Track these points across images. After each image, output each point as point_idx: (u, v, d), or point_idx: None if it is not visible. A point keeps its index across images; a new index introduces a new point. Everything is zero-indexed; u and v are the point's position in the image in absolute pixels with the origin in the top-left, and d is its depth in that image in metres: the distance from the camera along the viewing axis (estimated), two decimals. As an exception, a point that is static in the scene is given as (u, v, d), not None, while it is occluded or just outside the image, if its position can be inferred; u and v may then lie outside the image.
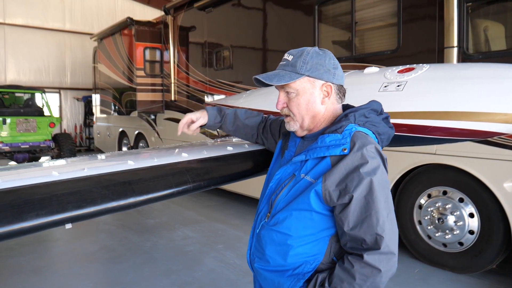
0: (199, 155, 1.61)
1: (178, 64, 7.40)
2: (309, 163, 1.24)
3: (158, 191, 1.35)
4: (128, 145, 9.51)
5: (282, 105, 1.32)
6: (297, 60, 1.27)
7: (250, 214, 5.85)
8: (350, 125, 1.24)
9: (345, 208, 1.15)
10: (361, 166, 1.15)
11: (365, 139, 1.21)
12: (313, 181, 1.20)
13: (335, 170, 1.17)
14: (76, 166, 1.39)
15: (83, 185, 1.23)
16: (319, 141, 1.23)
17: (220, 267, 3.95)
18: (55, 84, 14.89)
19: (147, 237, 4.86)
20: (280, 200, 1.27)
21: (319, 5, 4.74)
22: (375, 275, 1.11)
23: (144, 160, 1.48)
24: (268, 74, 1.30)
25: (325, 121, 1.32)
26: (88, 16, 15.16)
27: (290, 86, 1.27)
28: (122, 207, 1.25)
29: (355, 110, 1.30)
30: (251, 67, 5.82)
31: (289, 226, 1.23)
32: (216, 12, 6.37)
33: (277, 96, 3.17)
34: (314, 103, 1.29)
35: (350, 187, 1.14)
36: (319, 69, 1.26)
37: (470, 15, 3.63)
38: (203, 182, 1.47)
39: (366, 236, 1.13)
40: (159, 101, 7.97)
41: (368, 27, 4.45)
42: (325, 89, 1.29)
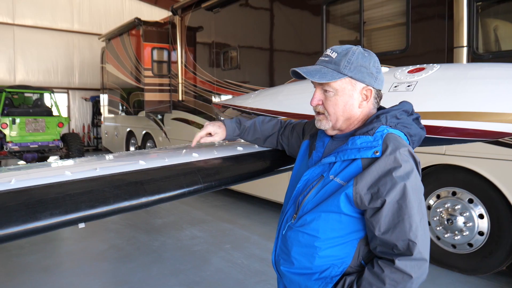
0: (210, 155, 1.62)
1: (185, 64, 7.42)
2: (338, 165, 1.22)
3: (169, 191, 1.35)
4: (136, 145, 9.55)
5: (317, 102, 1.29)
6: (342, 59, 1.23)
7: (257, 214, 5.86)
8: (382, 127, 1.21)
9: (376, 212, 1.13)
10: (394, 169, 1.13)
11: (397, 141, 1.18)
12: (343, 184, 1.18)
13: (367, 173, 1.14)
14: (88, 166, 1.40)
15: (95, 185, 1.24)
16: (350, 143, 1.21)
17: (228, 267, 3.96)
18: (64, 84, 15.01)
19: (155, 236, 4.88)
20: (308, 202, 1.25)
21: (327, 5, 4.73)
22: (405, 281, 1.10)
23: (155, 160, 1.49)
24: (309, 68, 1.26)
25: (358, 123, 1.29)
26: (96, 17, 15.27)
27: (330, 85, 1.24)
28: (134, 207, 1.26)
29: (387, 112, 1.26)
30: (259, 67, 5.82)
31: (317, 227, 1.21)
32: (224, 13, 6.38)
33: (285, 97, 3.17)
34: (351, 106, 1.26)
35: (382, 191, 1.12)
36: (363, 72, 1.23)
37: (480, 14, 3.59)
38: (214, 182, 1.47)
39: (398, 241, 1.11)
40: (166, 101, 8.00)
41: (377, 26, 4.43)
42: (365, 92, 1.26)
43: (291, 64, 5.25)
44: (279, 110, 2.73)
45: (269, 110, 2.82)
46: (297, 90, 2.97)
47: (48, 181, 1.21)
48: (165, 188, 1.35)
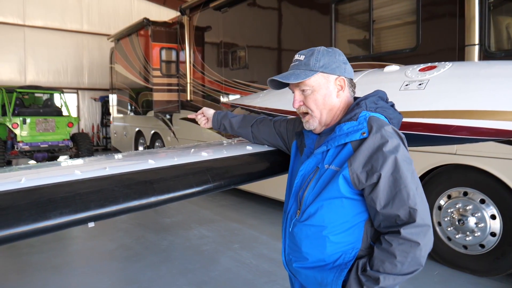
0: (219, 154, 1.61)
1: (193, 64, 7.43)
2: (331, 153, 1.27)
3: (179, 190, 1.35)
4: (144, 145, 9.59)
5: (298, 103, 1.36)
6: (310, 58, 1.32)
7: (266, 214, 5.84)
8: (363, 112, 1.28)
9: (374, 188, 1.18)
10: (382, 145, 1.19)
11: (380, 121, 1.26)
12: (338, 169, 1.23)
13: (358, 153, 1.20)
14: (97, 165, 1.40)
15: (105, 184, 1.24)
16: (337, 130, 1.27)
17: (237, 267, 3.95)
18: (73, 84, 15.14)
19: (163, 236, 4.89)
20: (308, 194, 1.29)
21: (336, 4, 4.69)
22: (414, 249, 1.12)
23: (164, 159, 1.48)
24: (283, 74, 1.35)
25: (340, 113, 1.36)
26: (105, 18, 15.38)
27: (306, 83, 1.32)
28: (143, 206, 1.25)
29: (365, 98, 1.34)
30: (267, 66, 5.81)
31: (322, 217, 1.25)
32: (232, 12, 6.37)
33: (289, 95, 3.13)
34: (330, 97, 1.33)
35: (376, 166, 1.17)
36: (331, 65, 1.32)
37: (491, 12, 3.54)
38: (223, 182, 1.46)
39: (399, 211, 1.15)
40: (175, 101, 8.02)
41: (386, 25, 4.38)
42: (339, 82, 1.34)
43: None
44: (288, 109, 2.72)
45: (278, 109, 2.81)
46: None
47: (58, 180, 1.21)
48: (174, 187, 1.34)
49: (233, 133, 1.88)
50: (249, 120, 1.85)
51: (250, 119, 1.86)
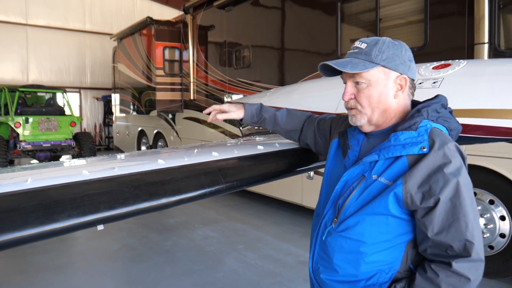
0: (230, 154, 1.56)
1: (197, 63, 7.39)
2: (381, 163, 1.15)
3: (190, 191, 1.30)
4: (147, 144, 9.56)
5: (349, 96, 1.22)
6: (372, 48, 1.18)
7: (270, 215, 5.80)
8: (424, 121, 1.15)
9: (429, 212, 1.07)
10: (444, 166, 1.07)
11: (443, 136, 1.13)
12: (389, 183, 1.11)
13: (416, 170, 1.08)
14: (106, 165, 1.35)
15: (114, 185, 1.19)
16: (392, 139, 1.14)
17: (242, 268, 3.90)
18: (76, 84, 15.11)
19: (167, 236, 4.85)
20: (350, 205, 1.18)
21: (342, 2, 4.64)
22: (463, 284, 1.04)
23: (174, 159, 1.43)
24: (339, 61, 1.20)
25: (395, 116, 1.22)
26: (108, 17, 15.34)
27: (362, 75, 1.18)
28: (154, 207, 1.21)
29: (427, 105, 1.20)
30: (272, 66, 5.76)
31: (362, 232, 1.14)
32: (236, 11, 6.32)
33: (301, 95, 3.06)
34: (386, 96, 1.19)
35: (435, 189, 1.05)
36: (395, 60, 1.18)
37: (501, 10, 3.49)
38: (235, 182, 1.41)
39: (453, 242, 1.05)
40: (178, 100, 7.98)
41: (393, 23, 4.33)
42: (399, 81, 1.19)
43: (305, 63, 5.18)
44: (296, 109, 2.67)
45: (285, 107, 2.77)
46: (314, 88, 2.90)
47: (65, 180, 1.16)
48: (185, 188, 1.29)
49: (272, 129, 1.68)
50: (299, 116, 1.66)
51: (300, 115, 1.67)
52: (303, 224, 5.31)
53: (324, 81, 3.72)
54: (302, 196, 5.34)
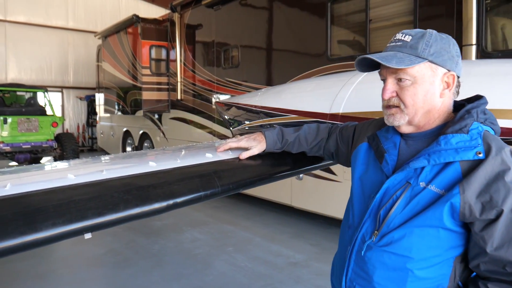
0: (225, 155, 1.48)
1: (184, 63, 7.28)
2: (428, 169, 1.04)
3: (184, 195, 1.21)
4: (133, 145, 9.39)
5: (390, 94, 1.10)
6: (419, 41, 1.07)
7: (259, 216, 5.73)
8: (475, 123, 1.04)
9: (490, 225, 0.97)
10: (503, 173, 0.97)
11: (498, 140, 1.03)
12: (442, 193, 1.01)
13: (474, 178, 0.97)
14: (93, 168, 1.26)
15: (103, 190, 1.10)
16: (443, 143, 1.02)
17: (232, 271, 3.82)
18: (58, 83, 14.77)
19: (154, 239, 4.73)
20: (395, 216, 1.06)
21: (332, 3, 4.61)
22: None
23: (166, 161, 1.35)
24: (381, 54, 1.08)
25: (439, 117, 1.11)
26: (92, 14, 15.04)
27: (407, 71, 1.06)
28: (146, 213, 1.12)
29: (477, 106, 1.09)
30: (261, 66, 5.70)
31: (409, 246, 1.03)
32: (225, 10, 6.24)
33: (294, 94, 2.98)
34: (433, 95, 1.08)
35: (497, 199, 0.95)
36: (443, 55, 1.07)
37: (488, 13, 3.51)
38: (231, 185, 1.33)
39: None
40: (164, 100, 7.85)
41: (383, 25, 4.32)
42: (446, 79, 1.09)
43: (294, 63, 5.13)
44: (288, 108, 2.61)
45: (278, 108, 2.69)
46: (306, 88, 2.84)
47: (49, 185, 1.07)
48: (179, 192, 1.21)
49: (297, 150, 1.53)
50: (321, 129, 1.53)
51: (323, 128, 1.53)
52: (292, 225, 5.26)
53: (316, 81, 3.68)
54: (291, 197, 5.29)
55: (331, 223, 5.15)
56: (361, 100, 2.11)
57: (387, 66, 1.07)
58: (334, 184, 4.60)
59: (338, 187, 4.56)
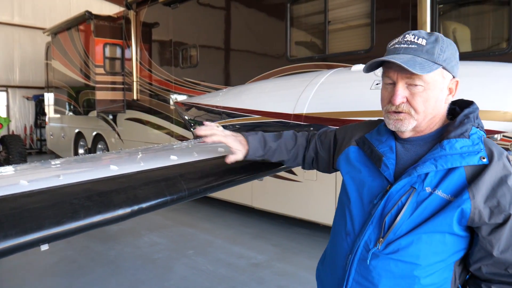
0: (190, 157, 1.43)
1: (140, 62, 7.07)
2: (433, 174, 1.03)
3: (150, 200, 1.16)
4: (85, 147, 9.01)
5: (402, 99, 1.07)
6: (435, 46, 1.05)
7: (220, 217, 5.67)
8: (474, 128, 1.06)
9: (497, 229, 0.99)
10: (506, 178, 1.00)
11: (496, 145, 1.06)
12: (450, 198, 1.01)
13: (481, 183, 0.99)
14: (48, 172, 1.17)
15: (61, 196, 1.02)
16: (447, 148, 1.02)
17: (193, 274, 3.75)
18: (2, 82, 13.87)
19: (111, 245, 4.54)
20: (402, 223, 1.04)
21: (291, 3, 4.65)
22: None
23: (129, 164, 1.28)
24: (402, 57, 1.04)
25: (439, 122, 1.11)
26: (40, 10, 14.25)
27: (422, 78, 1.04)
28: (109, 220, 1.05)
29: (473, 111, 1.11)
30: (220, 66, 5.64)
31: (417, 253, 1.02)
32: (183, 8, 6.12)
33: (257, 95, 2.97)
34: (441, 101, 1.08)
35: (504, 204, 0.98)
36: (452, 61, 1.07)
37: (441, 17, 3.67)
38: (199, 188, 1.29)
39: None
40: (120, 100, 7.59)
41: (342, 26, 4.41)
42: (451, 85, 1.10)
43: (254, 63, 5.12)
44: (252, 109, 2.59)
45: (241, 108, 2.67)
46: (268, 89, 2.84)
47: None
48: (144, 197, 1.15)
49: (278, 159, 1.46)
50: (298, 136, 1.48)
51: (300, 135, 1.48)
52: (253, 225, 5.25)
53: (278, 81, 3.69)
54: (252, 197, 5.28)
55: (292, 223, 5.19)
56: (324, 100, 2.13)
57: (401, 70, 1.05)
58: (295, 184, 4.64)
59: (299, 187, 4.61)
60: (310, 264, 3.93)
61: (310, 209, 4.57)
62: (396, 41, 1.11)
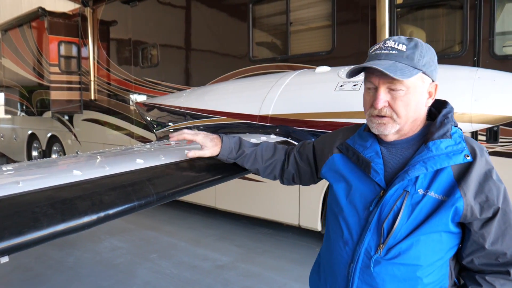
0: (157, 161, 1.40)
1: (98, 61, 6.84)
2: (423, 176, 1.06)
3: (116, 206, 1.12)
4: (39, 149, 8.62)
5: (383, 103, 1.10)
6: (414, 51, 1.08)
7: (182, 219, 5.59)
8: (454, 128, 1.11)
9: (487, 222, 1.04)
10: (490, 173, 1.05)
11: (477, 143, 1.11)
12: (442, 198, 1.05)
13: (469, 180, 1.03)
14: (6, 179, 1.10)
15: (21, 205, 0.97)
16: (434, 149, 1.06)
17: (156, 278, 3.68)
18: None
19: (69, 251, 4.37)
20: (401, 227, 1.06)
21: (254, 4, 4.66)
22: None
23: (92, 169, 1.24)
24: (383, 63, 1.06)
25: (420, 124, 1.15)
26: (-13, 6, 13.46)
27: (403, 82, 1.07)
28: (74, 228, 1.01)
29: (450, 110, 1.15)
30: (181, 66, 5.56)
31: (418, 254, 1.05)
32: (142, 6, 5.98)
33: (222, 96, 2.96)
34: (422, 105, 1.12)
35: (492, 198, 1.03)
36: (431, 65, 1.11)
37: (399, 19, 3.80)
38: (167, 192, 1.26)
39: (508, 249, 1.04)
40: (76, 100, 7.30)
41: (303, 28, 4.47)
42: (431, 89, 1.13)
43: (216, 63, 5.09)
44: (217, 110, 2.57)
45: (206, 109, 2.64)
46: (234, 90, 2.83)
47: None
48: (111, 203, 1.11)
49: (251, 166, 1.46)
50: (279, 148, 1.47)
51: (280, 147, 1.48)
52: (217, 227, 5.22)
53: (244, 82, 3.68)
54: (215, 198, 5.25)
55: (255, 223, 5.21)
56: (289, 102, 2.15)
57: (382, 75, 1.07)
58: (258, 184, 4.66)
59: (262, 187, 4.63)
60: (274, 264, 3.96)
61: (273, 209, 4.61)
62: (377, 47, 1.14)
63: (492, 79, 1.96)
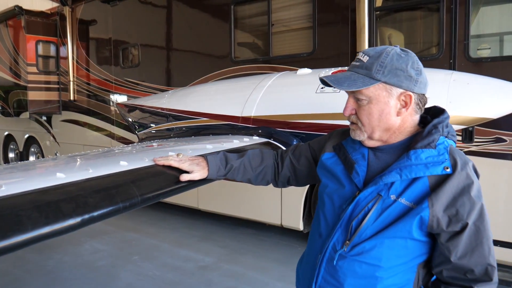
0: (141, 162, 1.40)
1: (77, 61, 6.73)
2: (399, 183, 1.09)
3: (101, 208, 1.12)
4: (16, 151, 8.43)
5: (350, 111, 1.16)
6: (374, 62, 1.10)
7: (164, 221, 5.56)
8: (441, 138, 1.10)
9: (455, 236, 1.05)
10: (469, 188, 1.04)
11: (462, 155, 1.10)
12: (412, 206, 1.06)
13: (441, 192, 1.03)
14: (-12, 182, 1.09)
15: (4, 208, 0.96)
16: (413, 158, 1.07)
17: (139, 281, 3.65)
18: None
19: (48, 254, 4.29)
20: (366, 227, 1.10)
21: (235, 5, 4.67)
22: None
23: (76, 172, 1.24)
24: (338, 76, 1.13)
25: (401, 133, 1.16)
26: (-41, 2, 13.05)
27: (362, 92, 1.11)
28: (59, 231, 1.01)
29: (442, 121, 1.14)
30: (162, 66, 5.53)
31: (379, 256, 1.08)
32: (123, 6, 5.92)
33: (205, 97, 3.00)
34: (388, 115, 1.12)
35: (462, 213, 1.03)
36: (399, 75, 1.09)
37: (378, 22, 3.87)
38: (152, 194, 1.27)
39: (476, 266, 1.05)
40: (55, 101, 7.17)
41: (285, 29, 4.50)
42: (404, 98, 1.12)
43: (198, 64, 5.09)
44: (199, 111, 2.58)
45: (188, 110, 2.65)
46: (216, 91, 2.84)
47: None
48: (95, 205, 1.11)
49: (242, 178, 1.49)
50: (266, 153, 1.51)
51: (267, 152, 1.51)
52: (200, 228, 5.21)
53: (226, 83, 3.70)
54: (197, 199, 5.24)
55: (238, 223, 5.22)
56: (272, 103, 2.18)
57: None
58: (240, 185, 4.66)
59: (244, 187, 4.64)
60: (257, 263, 3.99)
61: (256, 210, 4.63)
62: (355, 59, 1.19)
63: (466, 82, 2.03)
